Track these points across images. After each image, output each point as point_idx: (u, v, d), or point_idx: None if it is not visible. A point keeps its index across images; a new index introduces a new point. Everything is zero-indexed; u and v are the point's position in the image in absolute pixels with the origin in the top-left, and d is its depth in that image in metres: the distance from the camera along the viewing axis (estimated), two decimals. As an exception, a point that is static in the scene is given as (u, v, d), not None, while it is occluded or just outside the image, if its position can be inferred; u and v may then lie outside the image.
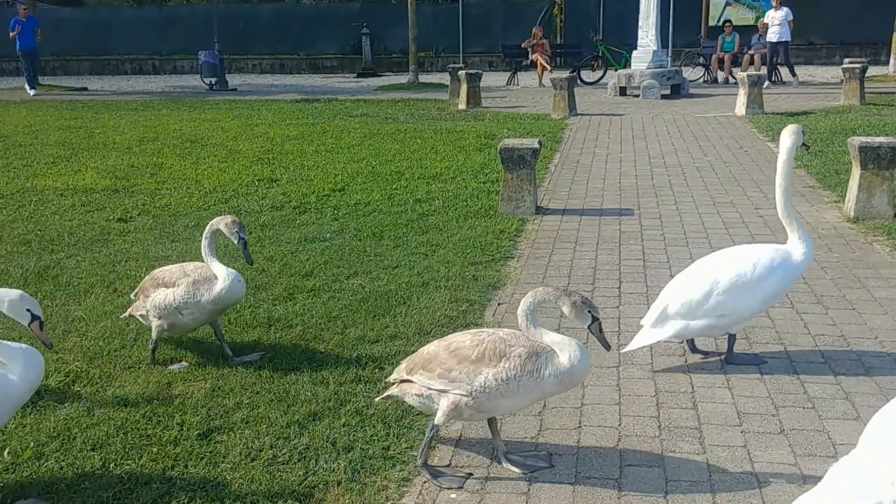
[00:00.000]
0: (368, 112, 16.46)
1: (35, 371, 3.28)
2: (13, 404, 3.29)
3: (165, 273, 4.56)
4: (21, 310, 3.39)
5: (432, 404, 3.44)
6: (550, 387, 3.33)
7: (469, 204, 8.22)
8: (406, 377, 3.52)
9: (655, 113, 15.36)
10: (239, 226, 4.54)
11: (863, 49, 25.94)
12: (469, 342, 3.38)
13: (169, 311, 4.44)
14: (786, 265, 4.37)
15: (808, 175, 9.38)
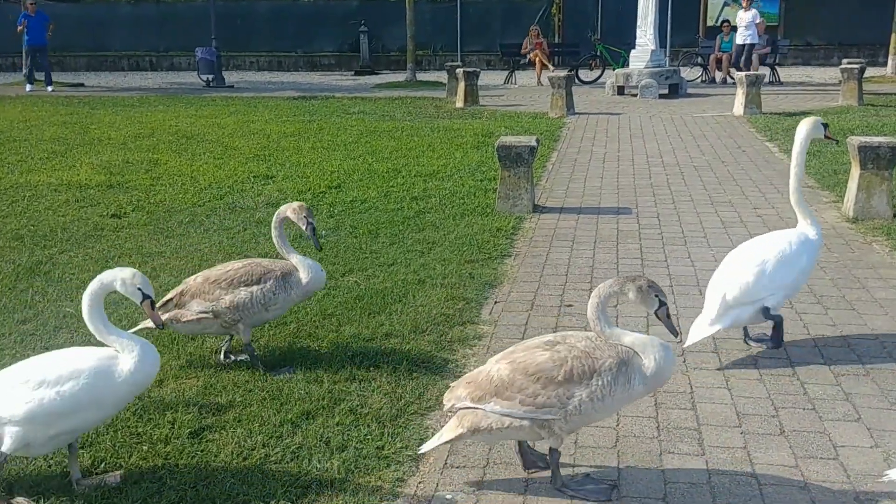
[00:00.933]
0: (365, 110, 16.39)
1: (148, 367, 3.20)
2: (120, 398, 3.22)
3: (238, 272, 4.30)
4: (133, 288, 3.28)
5: (513, 433, 3.21)
6: (639, 392, 3.19)
7: (466, 202, 8.17)
8: (474, 406, 3.18)
9: (653, 112, 15.32)
10: (307, 211, 4.44)
11: (861, 50, 25.94)
12: (550, 362, 3.11)
13: (256, 309, 4.27)
14: (808, 243, 4.62)
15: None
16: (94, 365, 3.13)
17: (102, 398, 3.15)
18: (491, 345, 4.74)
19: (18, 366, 3.21)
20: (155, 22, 30.90)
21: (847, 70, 15.83)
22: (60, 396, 3.07)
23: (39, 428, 3.09)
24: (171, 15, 31.09)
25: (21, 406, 3.06)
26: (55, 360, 3.18)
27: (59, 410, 3.07)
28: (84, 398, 3.09)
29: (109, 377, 3.14)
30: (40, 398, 3.06)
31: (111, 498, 3.26)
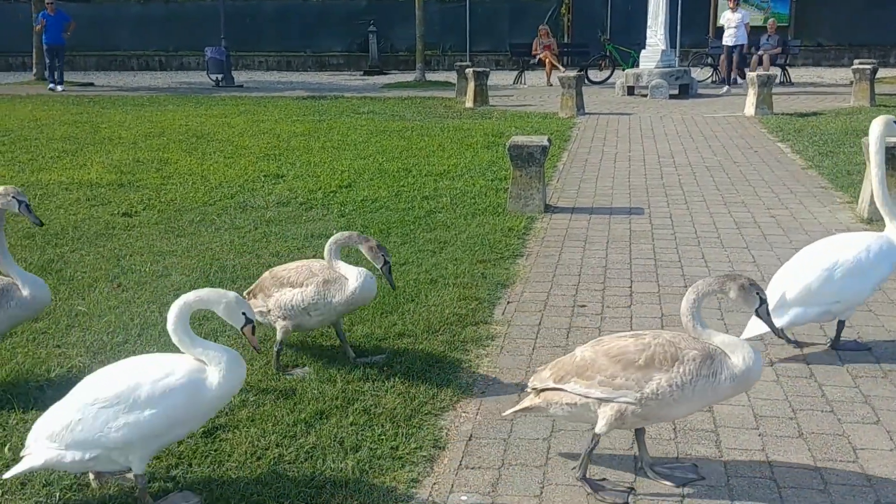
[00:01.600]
0: (375, 109, 16.37)
1: (237, 376, 3.12)
2: (211, 409, 3.16)
3: (290, 272, 4.31)
4: (237, 313, 3.20)
5: (587, 414, 3.22)
6: (725, 391, 3.15)
7: (477, 201, 8.14)
8: (554, 385, 3.24)
9: (664, 113, 15.26)
10: (384, 249, 4.37)
11: (871, 51, 25.81)
12: (633, 346, 3.14)
13: (296, 312, 4.24)
14: (892, 252, 4.43)
15: (821, 176, 9.28)
16: (185, 381, 3.04)
17: (195, 412, 3.10)
18: (504, 345, 4.71)
19: (103, 381, 3.08)
20: (164, 21, 30.96)
21: (859, 70, 15.74)
22: (154, 418, 2.98)
23: (141, 446, 3.03)
24: (181, 15, 31.14)
25: (116, 432, 2.97)
26: (141, 375, 3.05)
27: (154, 432, 3.01)
28: (178, 415, 3.03)
29: (200, 390, 3.06)
30: (136, 421, 2.98)
31: (124, 498, 3.24)
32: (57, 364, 4.43)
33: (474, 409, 3.98)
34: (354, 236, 4.39)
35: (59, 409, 3.08)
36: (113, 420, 2.98)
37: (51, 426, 3.04)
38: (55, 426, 3.03)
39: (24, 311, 4.00)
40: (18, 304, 3.94)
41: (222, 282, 5.76)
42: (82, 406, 3.02)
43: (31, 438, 3.10)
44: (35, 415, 3.84)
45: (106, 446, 2.99)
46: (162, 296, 5.51)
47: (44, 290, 4.05)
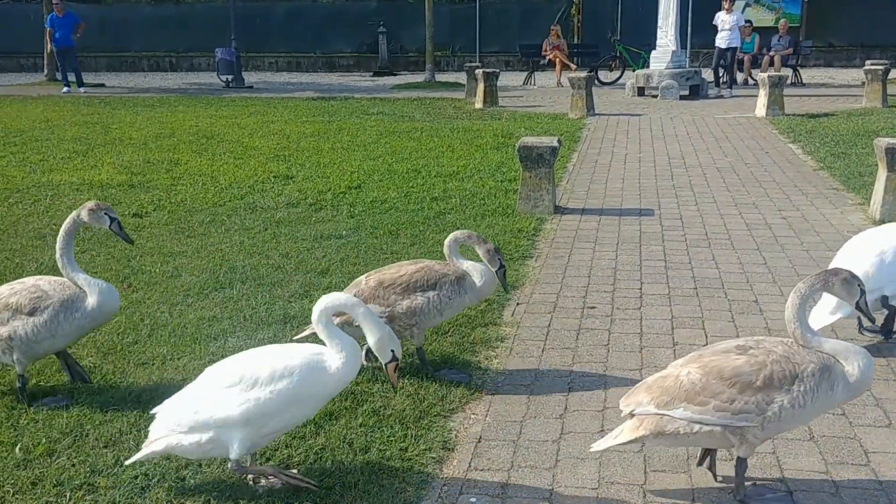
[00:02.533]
0: (385, 110, 16.38)
1: (355, 364, 3.18)
2: (327, 394, 3.23)
3: (411, 276, 4.19)
4: (386, 349, 3.24)
5: (704, 439, 3.07)
6: (840, 400, 3.09)
7: (486, 202, 8.13)
8: (658, 412, 3.05)
9: (674, 114, 15.22)
10: (500, 254, 4.32)
11: (884, 51, 25.65)
12: (748, 366, 2.98)
13: (431, 315, 4.18)
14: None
15: (832, 177, 9.23)
16: (305, 362, 3.12)
17: (312, 395, 3.16)
18: (513, 346, 4.70)
19: (226, 366, 3.20)
20: (175, 23, 31.08)
21: (871, 71, 15.65)
22: (275, 395, 3.06)
23: (254, 428, 3.09)
24: (191, 16, 31.27)
25: (237, 408, 3.06)
26: (265, 358, 3.16)
27: (273, 410, 3.07)
28: (296, 396, 3.09)
29: (320, 374, 3.13)
30: (256, 398, 3.05)
31: (134, 497, 3.25)
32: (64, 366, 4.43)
33: (483, 410, 3.97)
34: (474, 236, 4.37)
35: (182, 395, 3.20)
36: (235, 398, 3.06)
37: (172, 412, 3.16)
38: (177, 411, 3.15)
39: (91, 322, 3.97)
40: (84, 315, 3.91)
41: (232, 283, 5.77)
42: (204, 389, 3.14)
43: (154, 426, 3.21)
44: (45, 415, 3.87)
45: (225, 424, 3.06)
46: (172, 296, 5.52)
47: (112, 296, 3.99)
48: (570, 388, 4.20)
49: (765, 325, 4.97)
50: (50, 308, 3.86)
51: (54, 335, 3.89)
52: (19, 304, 3.85)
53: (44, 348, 3.95)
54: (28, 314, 3.84)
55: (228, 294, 5.57)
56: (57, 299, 3.88)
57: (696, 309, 5.25)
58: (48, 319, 3.84)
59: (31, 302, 3.85)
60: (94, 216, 4.01)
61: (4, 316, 3.85)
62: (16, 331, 3.83)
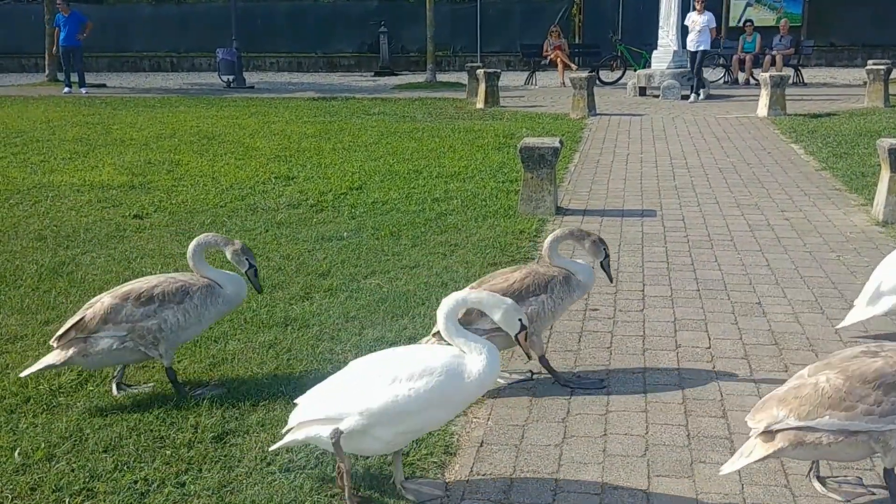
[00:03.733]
0: (386, 111, 16.36)
1: (495, 369, 3.15)
2: (465, 399, 3.21)
3: (519, 283, 4.12)
4: (513, 319, 3.25)
5: (843, 449, 2.98)
6: None
7: (488, 203, 8.11)
8: (798, 425, 2.95)
9: (676, 114, 15.19)
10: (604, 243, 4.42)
11: (885, 51, 25.62)
12: (887, 367, 2.90)
13: (547, 318, 4.20)
14: None
15: (835, 178, 9.20)
16: (446, 363, 3.11)
17: (450, 398, 3.13)
18: (515, 350, 4.67)
19: (369, 361, 3.22)
20: (175, 23, 31.07)
21: (873, 71, 15.61)
22: (413, 393, 3.05)
23: (384, 425, 3.08)
24: (192, 16, 31.25)
25: (375, 402, 3.05)
26: (407, 356, 3.18)
27: (410, 408, 3.06)
28: (434, 396, 3.07)
29: (459, 377, 3.11)
30: (395, 394, 3.05)
31: (134, 503, 3.23)
32: (67, 368, 4.41)
33: (485, 414, 3.95)
34: (576, 231, 4.40)
35: (324, 386, 3.22)
36: (374, 393, 3.06)
37: (314, 402, 3.18)
38: (318, 402, 3.17)
39: (228, 308, 4.20)
40: (225, 301, 4.12)
41: (233, 284, 5.74)
42: (345, 382, 3.16)
43: (294, 414, 3.24)
44: (44, 420, 3.85)
45: (364, 417, 3.05)
46: (172, 299, 5.49)
47: (243, 285, 4.21)
48: (572, 390, 4.18)
49: (768, 328, 4.94)
50: (197, 294, 4.03)
51: (200, 321, 4.06)
52: (166, 294, 3.98)
53: (187, 336, 4.10)
54: (178, 302, 3.98)
55: (229, 296, 5.53)
56: (199, 287, 4.06)
57: (699, 311, 5.23)
58: (198, 305, 4.01)
59: (178, 291, 4.00)
60: (236, 257, 4.21)
61: (151, 308, 3.95)
62: (166, 320, 3.96)
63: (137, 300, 3.95)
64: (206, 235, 4.25)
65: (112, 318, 3.91)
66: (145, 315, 3.93)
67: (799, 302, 5.37)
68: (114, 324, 3.91)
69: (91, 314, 3.94)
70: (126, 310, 3.93)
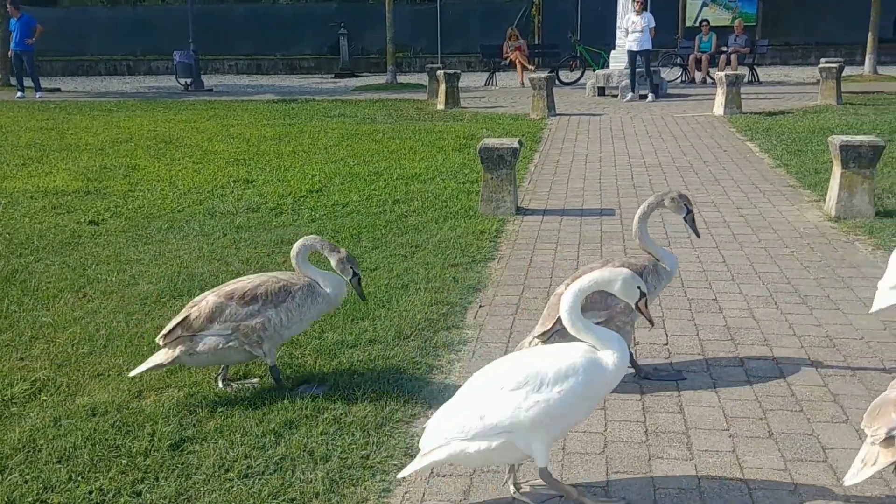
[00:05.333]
0: (346, 112, 16.31)
1: (625, 362, 3.12)
2: (603, 393, 3.19)
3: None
4: (632, 288, 3.23)
5: None
6: None
7: (449, 205, 8.12)
8: None
9: (634, 113, 15.34)
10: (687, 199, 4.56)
11: (838, 50, 26.16)
12: None
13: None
14: None
15: (789, 175, 9.36)
16: (585, 360, 3.07)
17: (595, 394, 3.11)
18: (476, 350, 4.69)
19: (502, 369, 3.13)
20: (132, 25, 30.66)
21: (826, 69, 15.91)
22: (562, 395, 3.01)
23: (544, 432, 3.04)
24: (148, 18, 30.89)
25: (527, 411, 2.99)
26: (544, 358, 3.11)
27: (561, 411, 3.02)
28: (582, 394, 3.04)
29: (600, 370, 3.08)
30: (546, 399, 3.00)
31: (89, 514, 3.18)
32: (20, 377, 4.34)
33: (446, 415, 3.95)
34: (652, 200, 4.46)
35: (457, 403, 3.13)
36: (523, 401, 2.99)
37: (451, 420, 3.07)
38: (457, 419, 3.06)
39: (328, 307, 4.21)
40: (325, 300, 4.13)
41: (191, 290, 5.68)
42: (487, 394, 3.06)
43: (427, 437, 3.13)
44: None
45: (515, 429, 3.00)
46: (129, 305, 5.42)
47: (342, 286, 4.21)
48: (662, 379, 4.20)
49: (724, 324, 5.01)
50: (300, 293, 4.05)
51: (302, 319, 4.09)
52: (269, 293, 4.00)
53: (290, 334, 4.12)
54: (280, 301, 4.00)
55: (187, 302, 5.46)
56: (300, 286, 4.07)
57: (657, 308, 5.28)
58: (300, 303, 4.04)
59: (280, 290, 4.02)
60: (341, 265, 4.19)
61: (254, 307, 3.97)
62: (270, 319, 3.98)
63: (241, 299, 3.98)
64: (311, 238, 4.23)
65: (217, 316, 3.96)
66: (249, 314, 3.96)
67: (754, 297, 5.45)
68: (219, 322, 3.95)
69: (196, 312, 3.98)
70: (230, 309, 3.97)
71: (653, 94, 17.38)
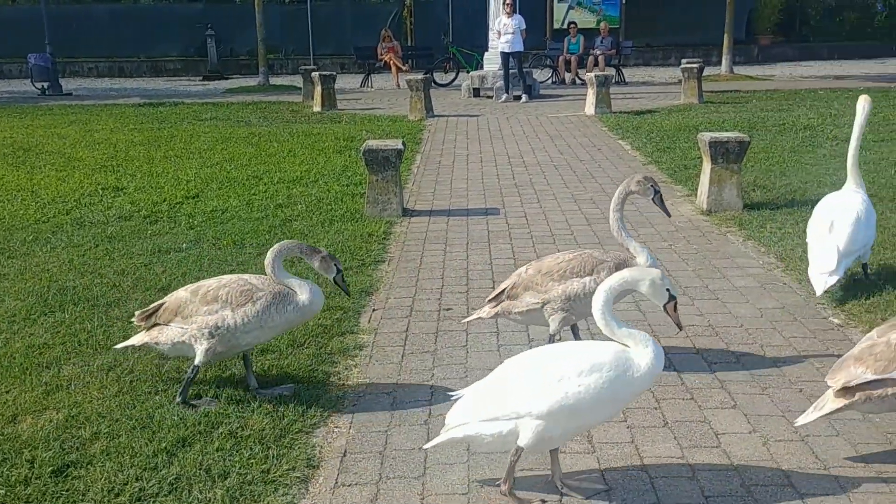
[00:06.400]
0: (218, 115, 15.83)
1: (661, 364, 3.10)
2: (632, 394, 3.15)
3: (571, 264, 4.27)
4: (661, 290, 3.19)
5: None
6: None
7: (334, 208, 7.99)
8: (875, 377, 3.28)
9: (510, 114, 15.60)
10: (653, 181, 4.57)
11: (696, 50, 27.47)
12: None
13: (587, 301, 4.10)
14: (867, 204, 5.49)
15: (660, 171, 9.72)
16: (613, 358, 3.04)
17: (621, 393, 3.07)
18: (372, 354, 4.62)
19: (531, 358, 3.16)
20: (-20, 26, 28.73)
21: (687, 69, 16.66)
22: (584, 389, 2.99)
23: (556, 423, 3.03)
24: (-1, 19, 29.03)
25: (545, 399, 3.00)
26: (572, 351, 3.12)
27: (580, 405, 3.00)
28: (605, 392, 3.01)
29: (627, 371, 3.04)
30: (565, 391, 2.99)
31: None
32: None
33: (347, 423, 3.87)
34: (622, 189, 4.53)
35: (483, 386, 3.19)
36: (541, 389, 3.01)
37: (475, 401, 3.14)
38: (481, 401, 3.12)
39: (300, 317, 4.03)
40: (295, 309, 3.97)
41: (63, 305, 5.35)
42: (512, 381, 3.09)
43: (453, 414, 3.19)
44: None
45: (532, 415, 3.01)
46: (-6, 324, 5.04)
47: (320, 295, 4.05)
48: (433, 391, 4.17)
49: (613, 317, 5.13)
50: (262, 299, 3.91)
51: (262, 326, 3.92)
52: (229, 296, 3.90)
53: (248, 340, 3.97)
54: (239, 305, 3.88)
55: (60, 318, 5.14)
56: (268, 292, 3.94)
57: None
58: (260, 310, 3.89)
59: (242, 294, 3.91)
60: (324, 264, 4.08)
61: (214, 307, 3.89)
62: (224, 319, 3.87)
63: (203, 297, 3.93)
64: (288, 242, 4.10)
65: (181, 311, 3.95)
66: (207, 312, 3.90)
67: (639, 290, 5.61)
68: (181, 317, 3.94)
69: (166, 304, 4.01)
70: (193, 305, 3.94)
71: (526, 94, 17.73)
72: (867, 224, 5.34)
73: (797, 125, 12.70)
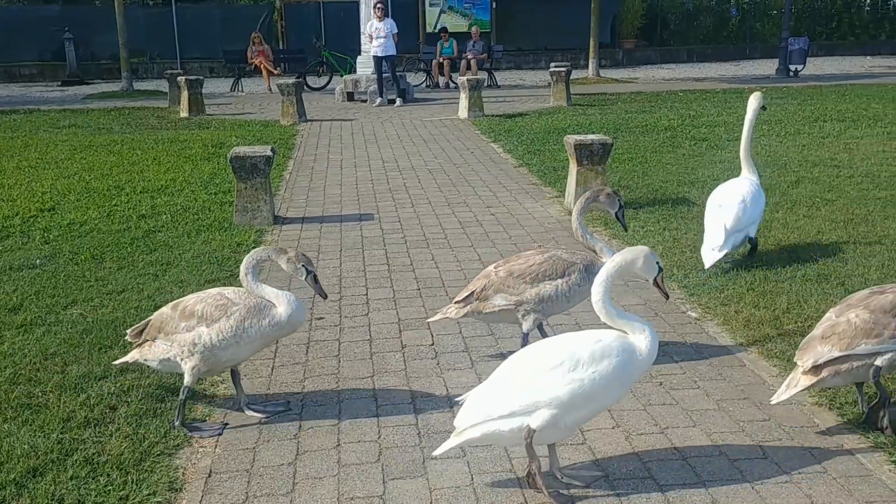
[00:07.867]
0: (78, 123, 15.09)
1: (656, 348, 3.18)
2: (634, 378, 3.24)
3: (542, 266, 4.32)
4: (651, 264, 3.29)
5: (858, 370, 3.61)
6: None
7: (201, 217, 7.74)
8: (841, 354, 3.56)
9: (384, 118, 15.58)
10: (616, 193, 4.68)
11: (565, 54, 28.21)
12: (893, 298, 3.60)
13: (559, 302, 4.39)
14: (759, 187, 6.10)
15: (531, 173, 9.92)
16: (620, 344, 3.14)
17: (628, 376, 3.16)
18: (243, 368, 4.47)
19: (536, 353, 3.20)
20: None
21: (556, 73, 17.10)
22: (599, 376, 3.08)
23: (572, 410, 3.09)
24: None
25: (563, 388, 3.06)
26: (576, 342, 3.16)
27: (596, 391, 3.08)
28: (615, 376, 3.10)
29: (633, 357, 3.14)
30: (580, 379, 3.06)
31: None
32: None
33: (212, 441, 3.73)
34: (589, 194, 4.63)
35: (492, 384, 3.20)
36: (559, 380, 3.07)
37: (487, 399, 3.15)
38: (494, 398, 3.14)
39: (276, 331, 3.89)
40: (272, 323, 3.84)
41: None
42: (524, 376, 3.12)
43: (463, 416, 3.20)
44: None
45: (553, 407, 3.06)
46: None
47: (301, 308, 3.92)
48: (303, 404, 4.08)
49: (485, 319, 5.17)
50: (236, 313, 3.79)
51: (238, 342, 3.80)
52: (205, 312, 3.80)
53: (227, 356, 3.84)
54: (214, 321, 3.78)
55: None
56: (243, 305, 3.82)
57: (421, 309, 5.36)
58: (234, 325, 3.77)
59: (217, 310, 3.80)
60: (291, 265, 3.93)
61: (191, 323, 3.81)
62: (200, 336, 3.78)
63: (182, 313, 3.85)
64: (256, 251, 3.95)
65: (163, 327, 3.88)
66: (185, 329, 3.82)
67: (510, 292, 5.68)
68: (163, 333, 3.87)
69: (151, 321, 3.95)
70: (173, 322, 3.86)
71: (400, 98, 17.75)
72: (754, 205, 5.89)
73: (658, 126, 13.24)
